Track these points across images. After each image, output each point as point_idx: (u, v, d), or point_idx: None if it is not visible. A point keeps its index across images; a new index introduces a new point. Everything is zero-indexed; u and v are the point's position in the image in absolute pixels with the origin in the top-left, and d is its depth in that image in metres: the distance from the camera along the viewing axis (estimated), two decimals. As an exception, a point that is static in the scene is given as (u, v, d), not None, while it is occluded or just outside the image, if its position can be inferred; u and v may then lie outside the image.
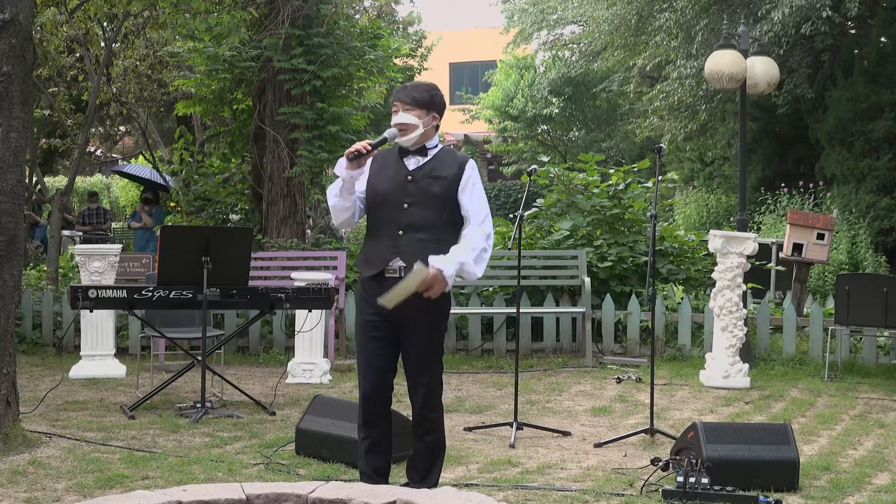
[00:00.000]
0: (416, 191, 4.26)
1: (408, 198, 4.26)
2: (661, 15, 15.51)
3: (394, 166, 4.32)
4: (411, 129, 4.27)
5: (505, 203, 29.26)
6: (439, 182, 4.27)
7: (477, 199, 4.30)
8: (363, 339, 4.33)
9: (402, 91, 4.36)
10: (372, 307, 4.26)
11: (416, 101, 4.29)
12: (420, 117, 4.28)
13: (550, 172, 10.73)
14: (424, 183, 4.27)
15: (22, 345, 9.19)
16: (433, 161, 4.32)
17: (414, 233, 4.22)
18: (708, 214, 18.16)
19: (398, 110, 4.30)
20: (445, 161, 4.33)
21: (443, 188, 4.26)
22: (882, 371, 8.39)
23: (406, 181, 4.28)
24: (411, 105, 4.28)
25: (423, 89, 4.36)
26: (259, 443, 5.84)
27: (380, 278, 4.25)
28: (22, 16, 5.57)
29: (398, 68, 15.29)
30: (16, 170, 5.62)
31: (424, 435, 4.42)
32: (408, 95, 4.30)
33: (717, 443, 4.93)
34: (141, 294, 6.67)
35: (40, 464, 5.27)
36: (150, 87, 15.24)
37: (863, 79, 14.52)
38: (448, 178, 4.27)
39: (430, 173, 4.28)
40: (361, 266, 4.35)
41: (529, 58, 30.07)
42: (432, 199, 4.25)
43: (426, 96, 4.32)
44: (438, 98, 4.38)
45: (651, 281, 5.95)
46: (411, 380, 4.36)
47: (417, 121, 4.27)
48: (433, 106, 4.34)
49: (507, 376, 8.12)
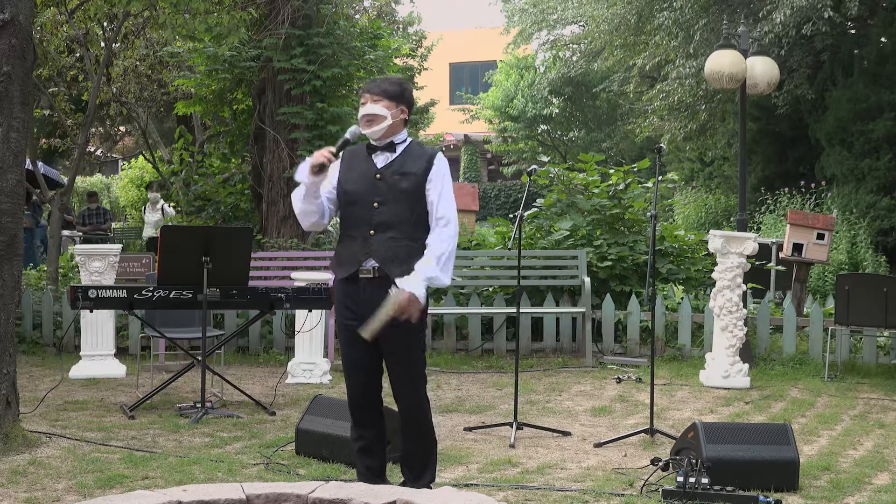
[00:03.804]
0: (385, 189, 4.19)
1: (377, 196, 4.19)
2: (661, 14, 15.51)
3: (362, 164, 4.26)
4: (379, 120, 4.20)
5: (505, 203, 29.26)
6: (408, 178, 4.20)
7: (442, 195, 4.21)
8: (344, 342, 4.31)
9: (372, 83, 4.30)
10: (350, 310, 4.23)
11: (386, 93, 4.22)
12: (388, 108, 4.21)
13: (550, 172, 10.74)
14: (393, 180, 4.20)
15: (22, 345, 9.19)
16: (402, 157, 4.25)
17: (385, 231, 4.15)
18: (708, 214, 18.17)
19: (366, 101, 4.23)
20: (414, 156, 4.25)
21: (412, 184, 4.19)
22: (882, 371, 8.39)
23: (375, 179, 4.21)
24: (380, 96, 4.21)
25: (394, 82, 4.29)
26: (259, 443, 5.84)
27: (354, 279, 4.21)
28: (22, 16, 5.57)
29: (398, 68, 15.29)
30: (16, 170, 5.61)
31: (414, 436, 4.36)
32: (377, 87, 4.24)
33: (717, 443, 4.93)
34: (141, 294, 6.67)
35: (40, 464, 5.27)
36: (150, 87, 15.25)
37: (863, 79, 14.52)
38: (417, 174, 4.20)
39: (398, 170, 4.21)
40: (335, 268, 4.29)
41: (529, 58, 30.09)
42: (402, 196, 4.18)
43: (396, 89, 4.25)
44: (408, 92, 4.31)
45: (651, 281, 5.94)
46: (394, 385, 4.30)
47: (386, 112, 4.20)
48: (402, 99, 4.26)
49: (507, 376, 8.12)
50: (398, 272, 4.13)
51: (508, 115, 29.69)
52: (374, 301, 4.11)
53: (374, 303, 4.11)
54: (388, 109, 4.20)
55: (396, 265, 4.14)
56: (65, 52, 13.58)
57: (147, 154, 17.51)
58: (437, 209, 4.19)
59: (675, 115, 17.72)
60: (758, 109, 16.48)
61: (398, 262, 4.15)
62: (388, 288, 4.09)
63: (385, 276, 4.14)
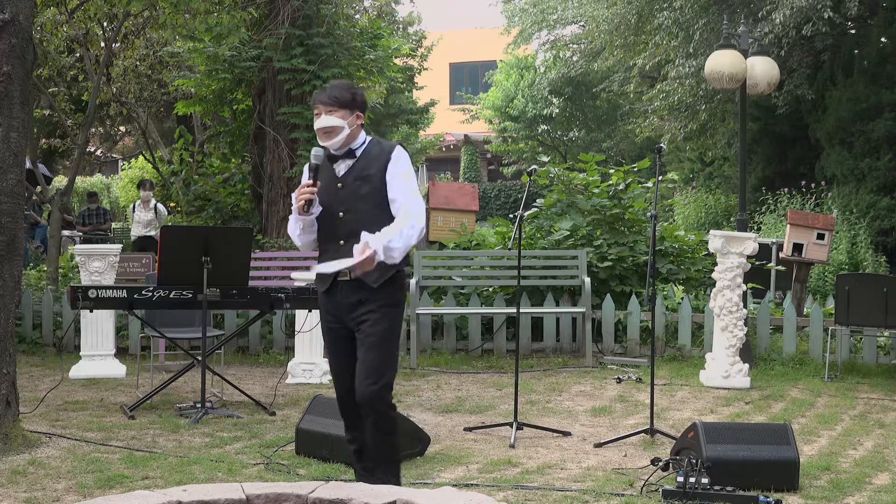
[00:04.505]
0: (347, 196, 4.12)
1: (341, 206, 4.12)
2: (661, 14, 15.52)
3: (326, 175, 4.17)
4: (337, 131, 4.10)
5: (505, 203, 29.27)
6: (369, 181, 4.11)
7: (403, 187, 4.10)
8: (330, 344, 4.30)
9: (322, 93, 4.18)
10: (332, 315, 4.22)
11: (339, 102, 4.11)
12: (344, 118, 4.11)
13: (550, 172, 10.74)
14: (354, 186, 4.11)
15: (22, 345, 9.19)
16: (361, 161, 4.16)
17: (355, 239, 4.02)
18: (708, 214, 18.18)
19: (320, 113, 4.12)
20: (372, 157, 4.15)
21: (373, 186, 4.10)
22: (882, 371, 8.39)
23: (337, 189, 4.14)
24: (334, 106, 4.10)
25: (344, 88, 4.17)
26: (259, 443, 5.84)
27: (333, 289, 4.17)
28: (22, 16, 5.57)
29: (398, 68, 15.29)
30: (16, 170, 5.62)
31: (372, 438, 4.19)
32: (328, 97, 4.12)
33: (717, 443, 4.93)
34: (141, 294, 6.67)
35: (40, 464, 5.27)
36: (150, 87, 15.25)
37: (863, 79, 14.52)
38: (377, 174, 4.11)
39: (359, 174, 4.13)
40: (315, 283, 4.30)
41: (530, 58, 30.09)
42: (364, 201, 4.10)
43: (348, 95, 4.13)
44: (360, 96, 4.19)
45: (651, 281, 5.94)
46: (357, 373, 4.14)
47: (342, 122, 4.10)
48: (356, 104, 4.15)
49: (507, 376, 8.12)
50: (374, 277, 4.06)
51: (508, 115, 29.70)
52: (355, 303, 4.11)
53: (354, 305, 4.11)
54: (343, 119, 4.11)
55: (372, 270, 4.02)
56: (65, 52, 13.59)
57: (147, 154, 17.51)
58: (399, 203, 4.08)
59: (675, 115, 17.73)
60: (758, 109, 16.48)
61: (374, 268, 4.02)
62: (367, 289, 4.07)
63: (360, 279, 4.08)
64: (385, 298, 4.13)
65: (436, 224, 11.18)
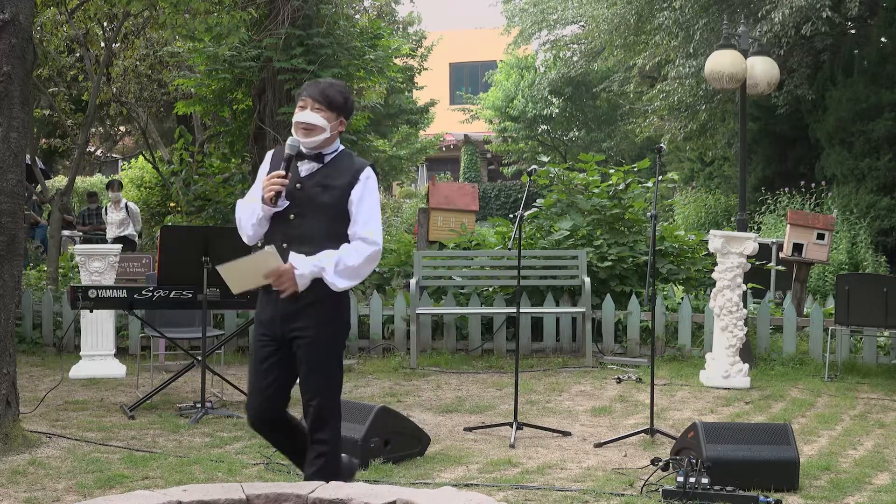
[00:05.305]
0: (303, 200, 3.84)
1: (295, 208, 3.84)
2: (661, 14, 15.52)
3: None
4: (318, 131, 3.84)
5: (505, 203, 29.28)
6: (330, 192, 3.83)
7: (365, 212, 3.84)
8: (254, 356, 3.99)
9: (315, 87, 3.89)
10: (263, 325, 3.94)
11: (330, 103, 3.85)
12: (329, 120, 3.85)
13: (550, 172, 10.74)
14: (313, 192, 3.84)
15: (22, 345, 9.19)
16: (327, 168, 3.88)
17: (300, 246, 3.80)
18: (708, 214, 18.17)
19: (306, 107, 3.85)
20: (340, 168, 3.88)
21: (333, 198, 3.83)
22: (882, 371, 8.39)
23: (294, 189, 3.84)
24: (323, 105, 3.85)
25: (339, 90, 3.90)
26: (259, 443, 5.83)
27: (268, 293, 3.90)
28: (22, 16, 5.57)
29: (398, 68, 15.28)
30: (16, 170, 5.62)
31: (315, 458, 3.96)
32: (321, 94, 3.85)
33: (717, 443, 4.93)
34: (141, 294, 6.67)
35: (40, 464, 5.27)
36: (150, 87, 15.24)
37: (863, 79, 14.52)
38: (340, 188, 3.84)
39: (321, 181, 3.85)
40: None
41: (530, 58, 30.10)
42: (320, 210, 3.83)
43: (340, 99, 3.88)
44: (351, 102, 3.96)
45: (651, 281, 5.94)
46: (303, 399, 3.95)
47: (326, 124, 3.85)
48: (345, 111, 3.91)
49: (507, 376, 8.11)
50: (311, 296, 3.82)
51: (508, 115, 29.70)
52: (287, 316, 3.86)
53: (286, 317, 3.86)
54: (328, 121, 3.85)
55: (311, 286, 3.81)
56: (65, 52, 13.59)
57: (147, 154, 17.49)
58: (357, 227, 3.84)
59: (675, 115, 17.72)
60: (758, 109, 16.48)
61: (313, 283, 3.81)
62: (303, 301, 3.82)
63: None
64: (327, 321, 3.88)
65: (436, 224, 11.17)
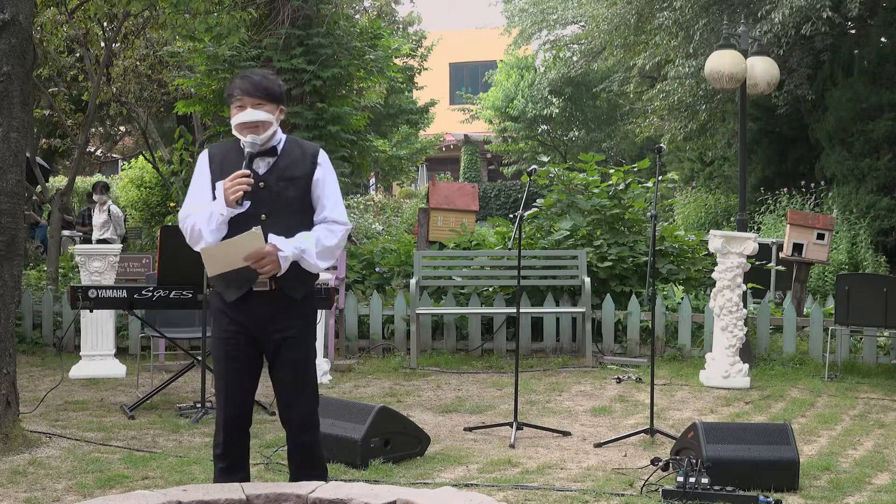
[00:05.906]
0: (270, 198, 3.74)
1: (264, 208, 3.73)
2: (661, 14, 15.52)
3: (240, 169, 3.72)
4: (266, 126, 3.74)
5: (505, 203, 29.27)
6: (295, 184, 3.77)
7: (332, 195, 3.82)
8: (222, 357, 3.86)
9: (248, 83, 3.75)
10: (232, 320, 3.79)
11: (269, 95, 3.75)
12: (272, 112, 3.76)
13: (550, 172, 10.74)
14: (279, 188, 3.75)
15: (22, 345, 9.19)
16: (283, 160, 3.79)
17: None
18: (708, 214, 18.17)
19: (245, 106, 3.73)
20: (294, 157, 3.80)
21: (299, 189, 3.78)
22: (882, 371, 8.39)
23: (258, 188, 3.73)
24: (263, 99, 3.74)
25: (272, 80, 3.80)
26: (259, 443, 5.83)
27: (247, 297, 3.76)
28: (22, 16, 5.57)
29: (398, 68, 15.29)
30: (16, 170, 5.62)
31: (303, 462, 3.92)
32: (258, 89, 3.73)
33: (717, 443, 4.93)
34: (141, 294, 6.67)
35: (40, 464, 5.27)
36: (150, 87, 15.24)
37: (863, 79, 14.51)
38: (303, 178, 3.78)
39: (283, 175, 3.77)
40: (222, 289, 3.81)
41: (530, 58, 30.10)
42: (291, 206, 3.76)
43: (276, 88, 3.79)
44: (283, 88, 3.88)
45: (651, 281, 5.94)
46: (283, 401, 3.92)
47: (271, 117, 3.74)
48: (282, 98, 3.83)
49: (507, 376, 8.11)
50: (300, 292, 3.80)
51: (508, 115, 29.70)
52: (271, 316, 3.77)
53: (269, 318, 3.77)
54: (271, 114, 3.76)
55: (298, 283, 3.78)
56: (65, 52, 13.59)
57: (147, 154, 17.49)
58: (326, 211, 3.81)
59: (675, 115, 17.72)
60: (758, 109, 16.48)
61: (300, 280, 3.78)
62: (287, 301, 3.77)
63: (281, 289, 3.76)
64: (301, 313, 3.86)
65: (436, 224, 11.17)
